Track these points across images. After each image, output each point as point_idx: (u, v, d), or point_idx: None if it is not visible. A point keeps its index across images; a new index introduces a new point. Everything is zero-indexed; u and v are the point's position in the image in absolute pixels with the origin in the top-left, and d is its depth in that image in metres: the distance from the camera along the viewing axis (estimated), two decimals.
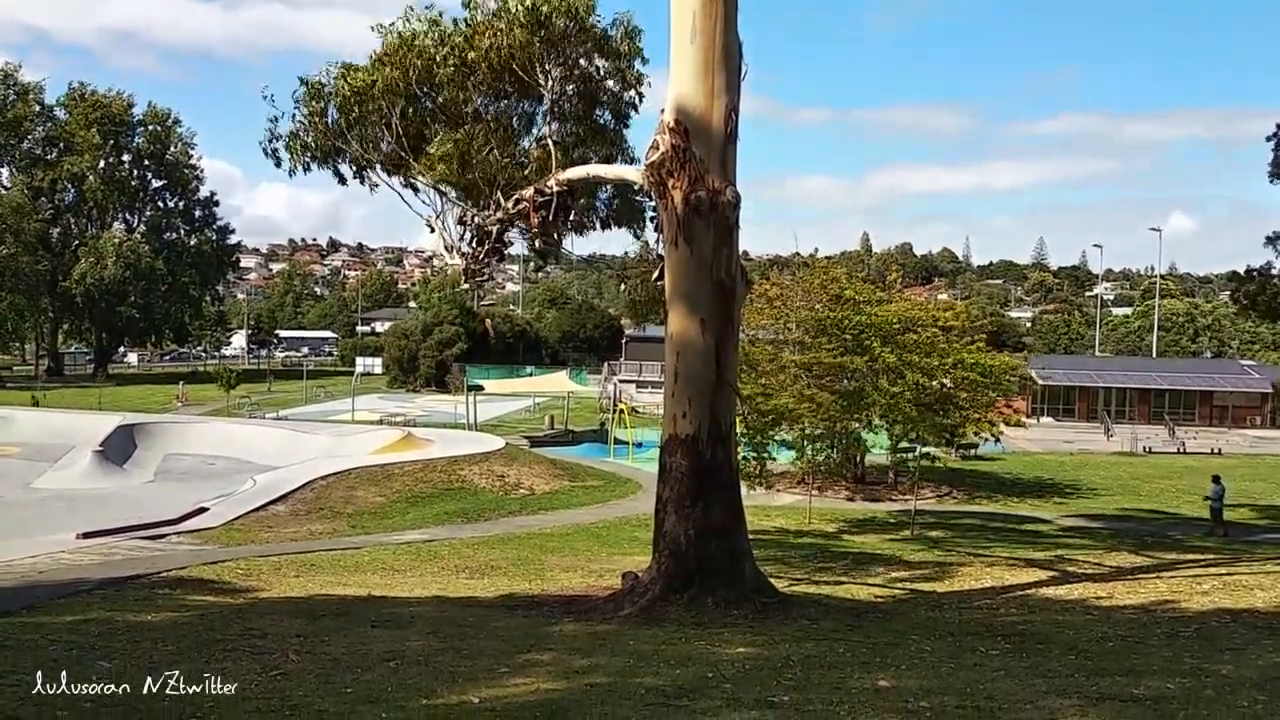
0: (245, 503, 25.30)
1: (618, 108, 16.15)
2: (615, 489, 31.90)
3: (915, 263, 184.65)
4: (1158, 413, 59.45)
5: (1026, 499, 32.56)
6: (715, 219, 10.53)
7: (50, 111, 76.59)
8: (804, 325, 32.61)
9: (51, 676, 6.23)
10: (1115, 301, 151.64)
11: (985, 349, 31.46)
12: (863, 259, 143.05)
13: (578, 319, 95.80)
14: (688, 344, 10.62)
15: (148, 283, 76.71)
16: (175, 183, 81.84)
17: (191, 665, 7.05)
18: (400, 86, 14.75)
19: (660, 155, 10.64)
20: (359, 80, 14.84)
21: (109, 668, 7.02)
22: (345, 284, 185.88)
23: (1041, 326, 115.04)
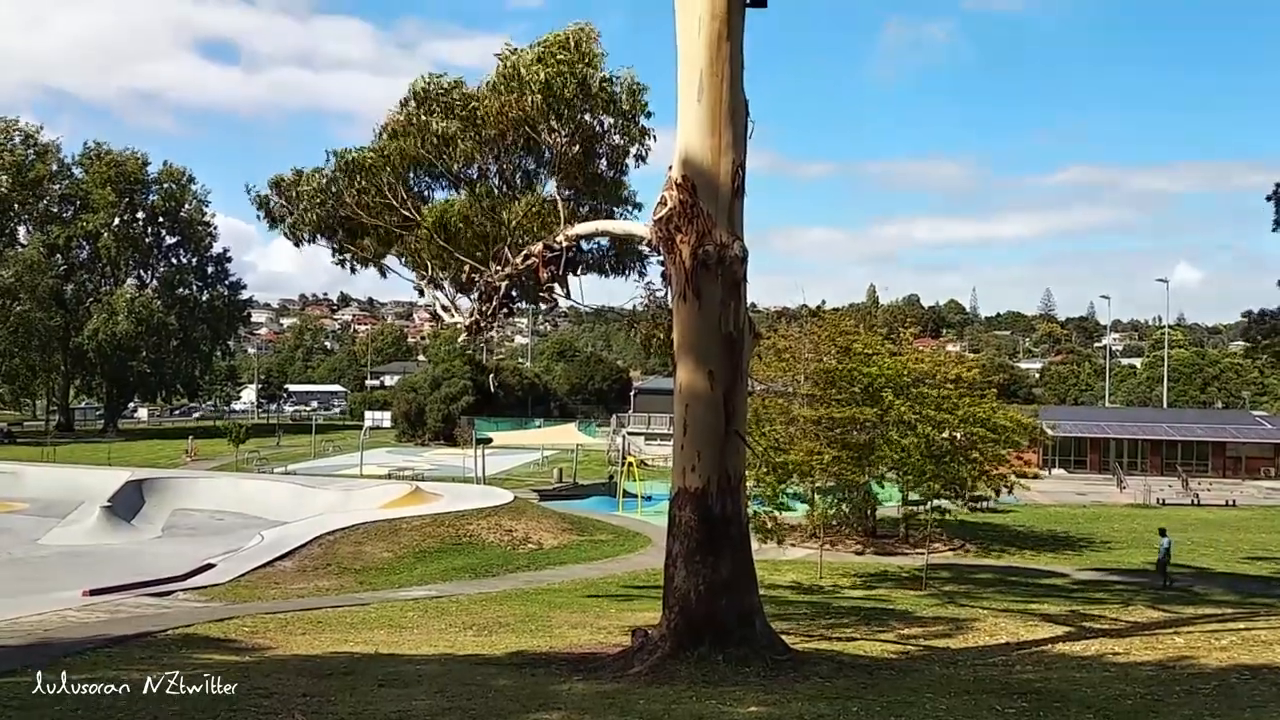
0: (252, 559, 25.18)
1: (621, 162, 16.37)
2: (624, 543, 31.66)
3: (923, 314, 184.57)
4: (1170, 464, 58.97)
5: (1041, 552, 32.19)
6: (723, 273, 10.58)
7: (68, 170, 77.84)
8: (813, 378, 32.59)
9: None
10: (1124, 352, 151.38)
11: (997, 403, 31.38)
12: (870, 311, 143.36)
13: (586, 371, 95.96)
14: (696, 396, 10.61)
15: (159, 338, 77.26)
16: (189, 239, 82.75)
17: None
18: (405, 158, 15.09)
19: (668, 211, 10.73)
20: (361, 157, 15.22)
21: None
22: (355, 338, 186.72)
23: (1051, 378, 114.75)
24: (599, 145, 16.08)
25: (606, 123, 15.81)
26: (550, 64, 14.13)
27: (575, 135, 15.42)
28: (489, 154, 15.80)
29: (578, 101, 14.80)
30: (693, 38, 10.27)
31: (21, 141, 74.50)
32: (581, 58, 14.43)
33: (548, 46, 14.36)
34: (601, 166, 16.45)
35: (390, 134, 15.36)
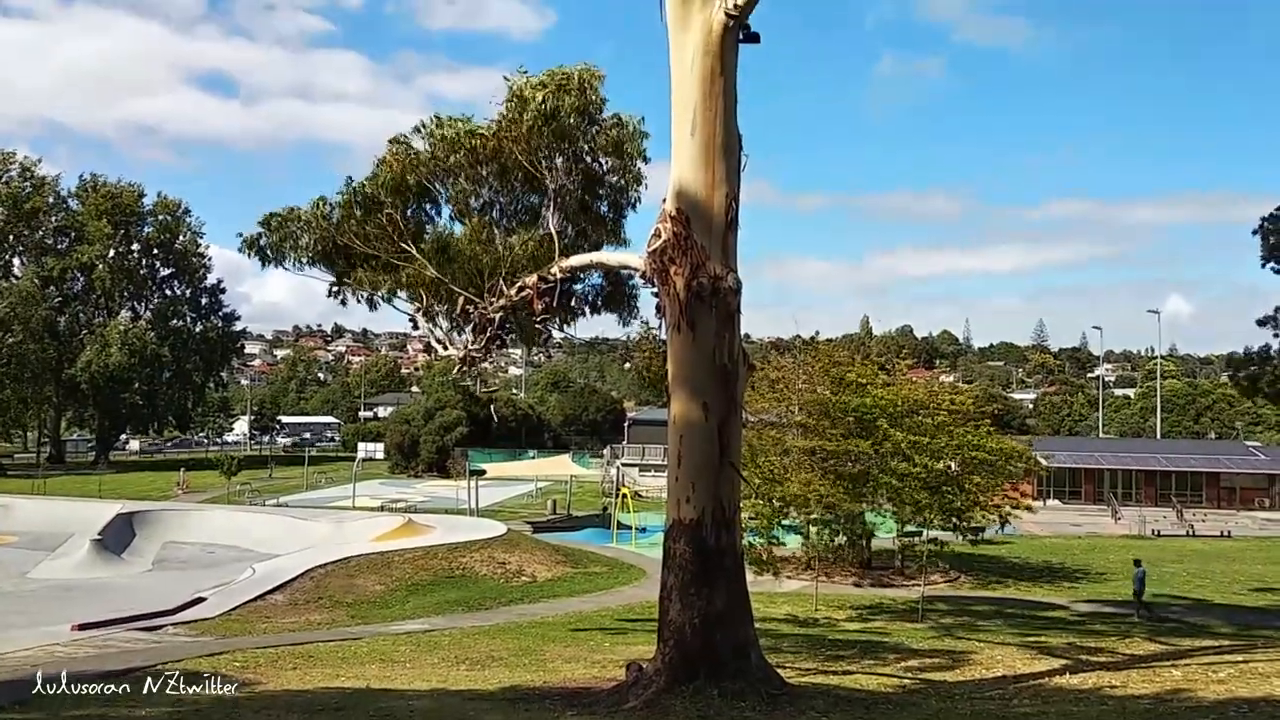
0: (243, 592, 24.97)
1: (622, 202, 16.48)
2: (618, 575, 31.47)
3: (916, 345, 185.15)
4: (1164, 494, 58.95)
5: (1037, 584, 32.06)
6: (717, 304, 10.61)
7: (64, 202, 78.01)
8: (807, 408, 32.60)
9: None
10: (1117, 383, 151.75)
11: (992, 431, 31.41)
12: (864, 341, 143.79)
13: (580, 402, 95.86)
14: (691, 428, 10.60)
15: (152, 369, 77.07)
16: (183, 270, 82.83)
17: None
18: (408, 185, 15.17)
19: (662, 243, 10.77)
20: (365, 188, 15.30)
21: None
22: (349, 369, 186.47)
23: (1044, 408, 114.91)
24: (599, 185, 16.21)
25: (607, 163, 15.96)
26: (554, 89, 14.25)
27: (574, 169, 15.54)
28: (491, 188, 15.91)
29: (579, 133, 14.91)
30: (686, 73, 10.36)
31: (19, 174, 74.76)
32: (585, 98, 14.56)
33: (554, 77, 14.49)
34: (603, 208, 16.57)
35: (390, 167, 15.44)
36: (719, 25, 10.15)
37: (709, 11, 10.15)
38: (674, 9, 10.36)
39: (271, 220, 16.27)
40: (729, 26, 10.17)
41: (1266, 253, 24.76)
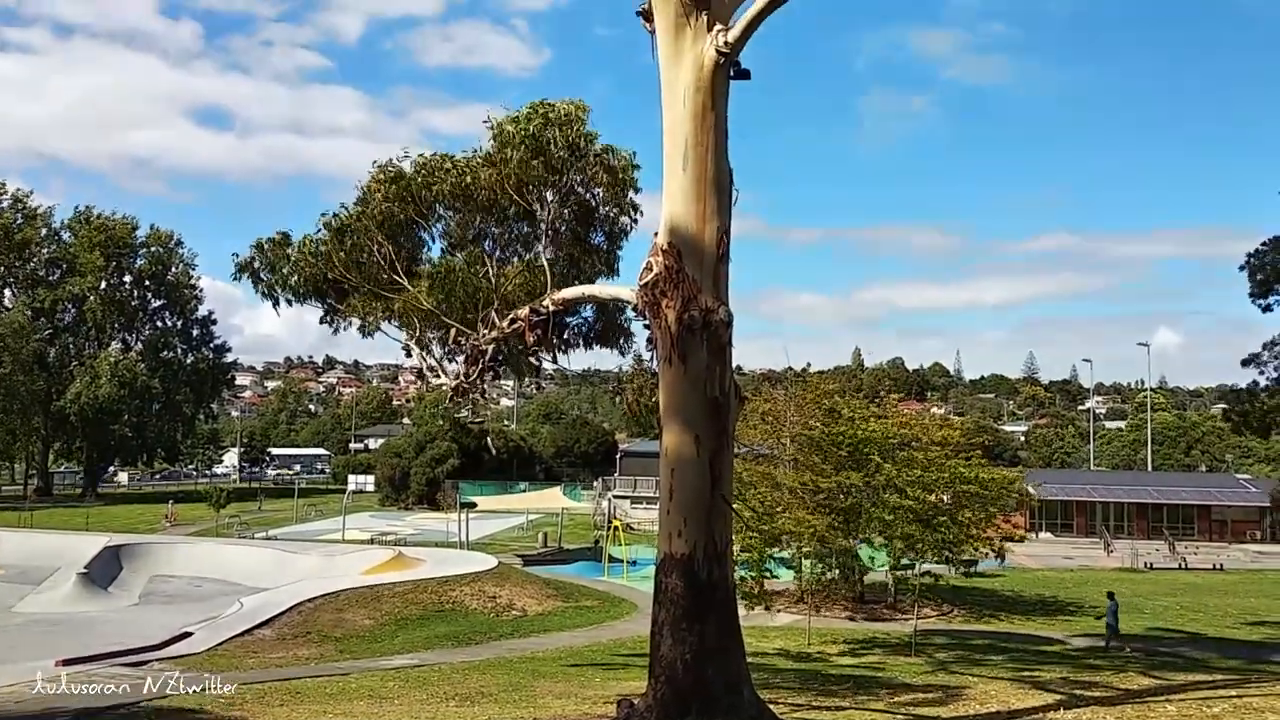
0: (231, 627, 24.72)
1: (611, 232, 16.55)
2: (610, 610, 31.24)
3: (907, 377, 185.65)
4: (1156, 527, 58.93)
5: (1031, 617, 31.93)
6: (708, 337, 10.63)
7: (56, 234, 77.95)
8: (798, 441, 32.58)
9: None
10: (1107, 415, 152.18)
11: (983, 463, 31.42)
12: (855, 374, 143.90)
13: (572, 434, 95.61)
14: (682, 461, 10.58)
15: (142, 401, 76.69)
16: (174, 302, 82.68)
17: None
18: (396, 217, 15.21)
19: (654, 276, 10.81)
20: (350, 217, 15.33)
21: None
22: (340, 401, 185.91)
23: (1035, 441, 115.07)
24: (591, 216, 16.29)
25: (599, 194, 16.04)
26: (539, 122, 14.35)
27: (566, 201, 15.62)
28: (480, 220, 15.97)
29: (568, 166, 15.00)
30: (678, 109, 10.46)
31: (10, 205, 74.77)
32: (571, 131, 14.66)
33: (537, 110, 14.60)
34: (596, 238, 16.64)
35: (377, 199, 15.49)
36: (710, 62, 10.25)
37: (700, 48, 10.26)
38: (665, 46, 10.48)
39: (264, 245, 16.29)
40: (720, 63, 10.28)
41: (1254, 288, 24.96)
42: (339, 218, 15.78)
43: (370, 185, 15.64)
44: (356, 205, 15.77)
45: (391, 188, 15.29)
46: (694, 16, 10.27)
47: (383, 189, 15.38)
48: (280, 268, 16.22)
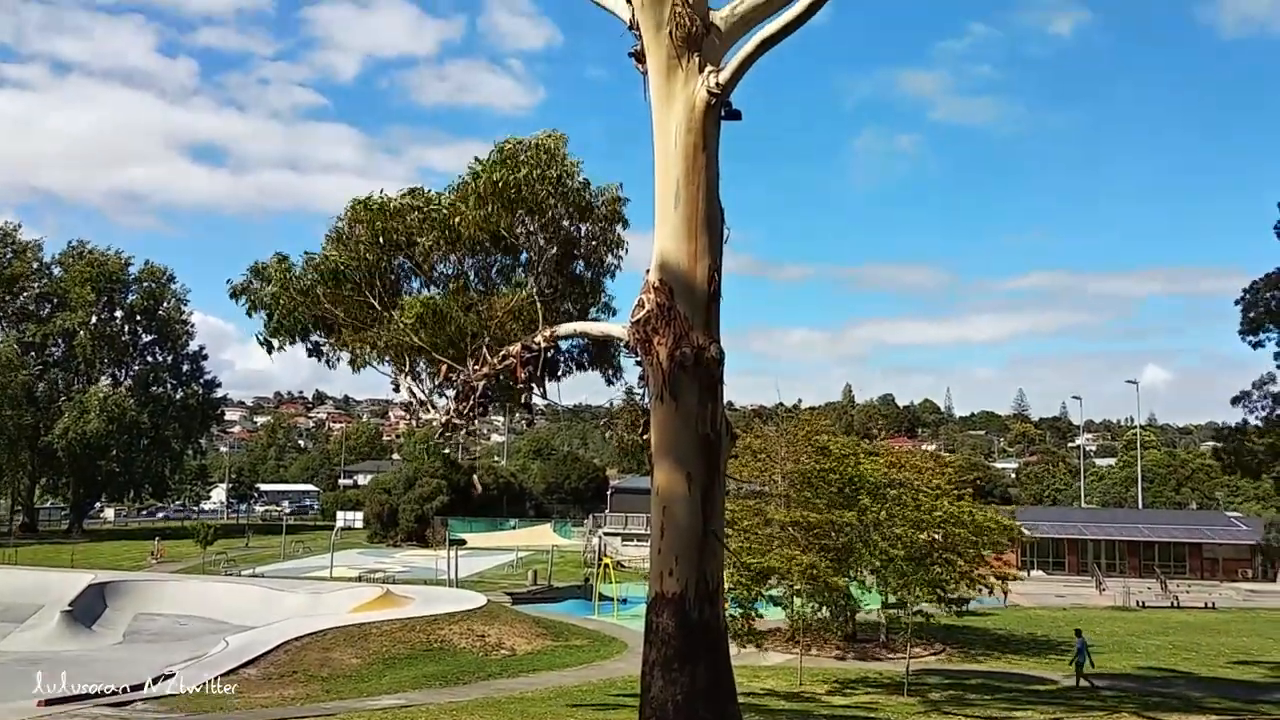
0: (216, 666, 24.39)
1: (601, 265, 16.60)
2: (600, 649, 30.96)
3: (898, 414, 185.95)
4: (1147, 565, 58.82)
5: (1024, 656, 31.75)
6: (700, 374, 10.65)
7: (47, 269, 77.81)
8: (789, 478, 32.51)
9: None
10: (1098, 452, 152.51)
11: (974, 503, 31.37)
12: (846, 410, 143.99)
13: (562, 470, 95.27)
14: (674, 499, 10.55)
15: (130, 436, 76.15)
16: (165, 337, 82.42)
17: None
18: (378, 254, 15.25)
19: (646, 313, 10.85)
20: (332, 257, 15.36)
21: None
22: (329, 436, 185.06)
23: (1026, 478, 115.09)
24: (577, 249, 16.32)
25: (584, 229, 16.09)
26: (516, 167, 14.43)
27: (553, 239, 15.68)
28: (460, 254, 16.00)
29: (550, 205, 15.07)
30: (670, 148, 10.56)
31: (0, 240, 74.70)
32: (552, 162, 14.75)
33: (513, 146, 14.68)
34: (580, 269, 16.67)
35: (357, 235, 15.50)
36: (701, 103, 10.37)
37: (691, 90, 10.39)
38: (658, 88, 10.60)
39: (262, 270, 16.21)
40: (711, 104, 10.40)
41: (1245, 325, 25.16)
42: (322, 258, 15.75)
43: (346, 224, 15.67)
44: (334, 244, 15.76)
45: (371, 225, 15.32)
46: (685, 58, 10.41)
47: (362, 227, 15.42)
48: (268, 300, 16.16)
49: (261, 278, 16.11)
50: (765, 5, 10.78)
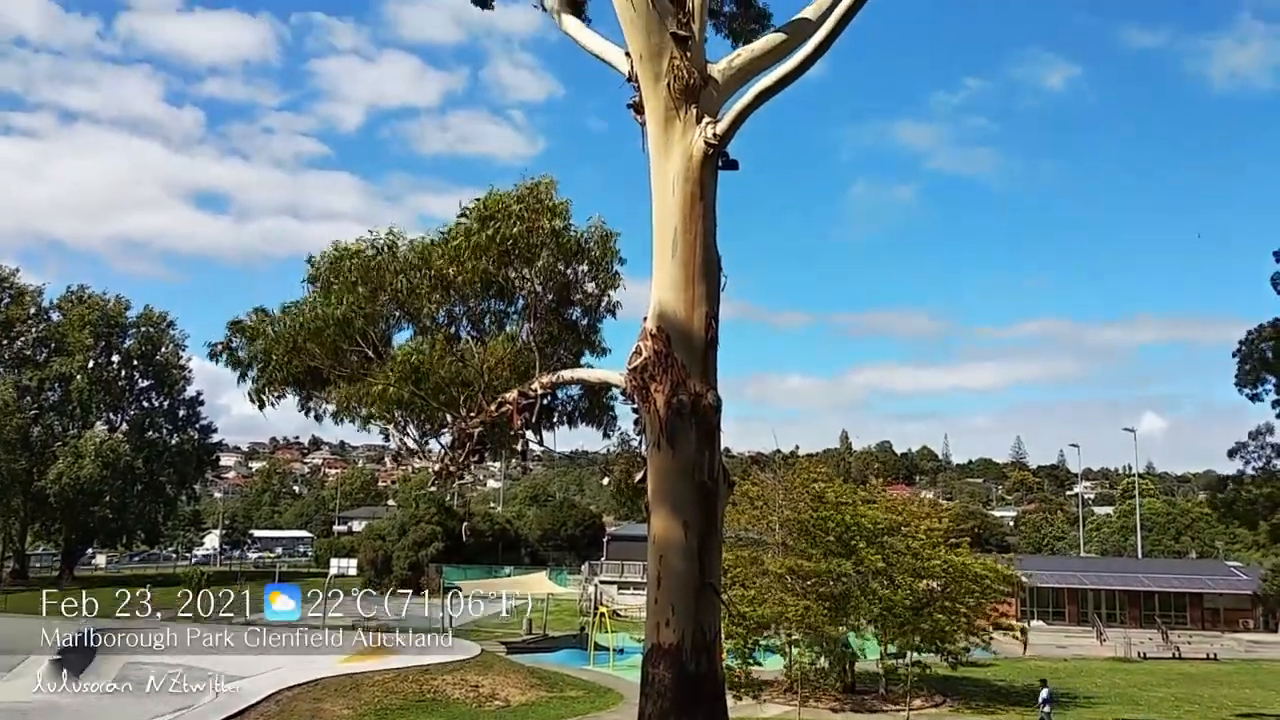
0: (205, 717, 24.00)
1: (596, 309, 16.62)
2: (595, 700, 30.53)
3: (895, 461, 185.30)
4: (1148, 615, 58.30)
5: (1025, 709, 31.31)
6: (697, 422, 10.64)
7: (46, 313, 77.87)
8: (787, 526, 32.31)
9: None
10: (1096, 500, 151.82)
11: (971, 552, 31.19)
12: (843, 457, 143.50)
13: (558, 516, 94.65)
14: (670, 548, 10.47)
15: (124, 482, 75.66)
16: (162, 382, 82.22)
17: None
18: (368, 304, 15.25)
19: (643, 360, 10.86)
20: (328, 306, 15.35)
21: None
22: (324, 482, 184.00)
23: (1025, 526, 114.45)
24: (572, 293, 16.36)
25: (579, 270, 16.13)
26: (503, 217, 14.51)
27: (548, 284, 15.72)
28: (453, 301, 16.01)
29: (543, 251, 15.13)
30: (667, 197, 10.65)
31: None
32: (543, 210, 14.84)
33: (504, 198, 14.77)
34: (575, 314, 16.69)
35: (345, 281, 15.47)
36: (699, 153, 10.49)
37: (689, 140, 10.51)
38: (656, 138, 10.72)
39: (242, 328, 16.16)
40: (708, 154, 10.51)
41: (1241, 377, 25.25)
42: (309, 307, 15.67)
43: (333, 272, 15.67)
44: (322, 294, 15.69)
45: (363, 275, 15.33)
46: (683, 110, 10.54)
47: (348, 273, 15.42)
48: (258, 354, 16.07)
49: (244, 334, 16.03)
50: (762, 58, 10.97)
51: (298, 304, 15.69)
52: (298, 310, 15.57)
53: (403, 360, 15.10)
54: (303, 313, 15.49)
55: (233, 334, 16.22)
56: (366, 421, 16.41)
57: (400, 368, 14.97)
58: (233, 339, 16.22)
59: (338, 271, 15.57)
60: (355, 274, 15.37)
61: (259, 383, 16.10)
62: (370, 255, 15.49)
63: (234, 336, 16.21)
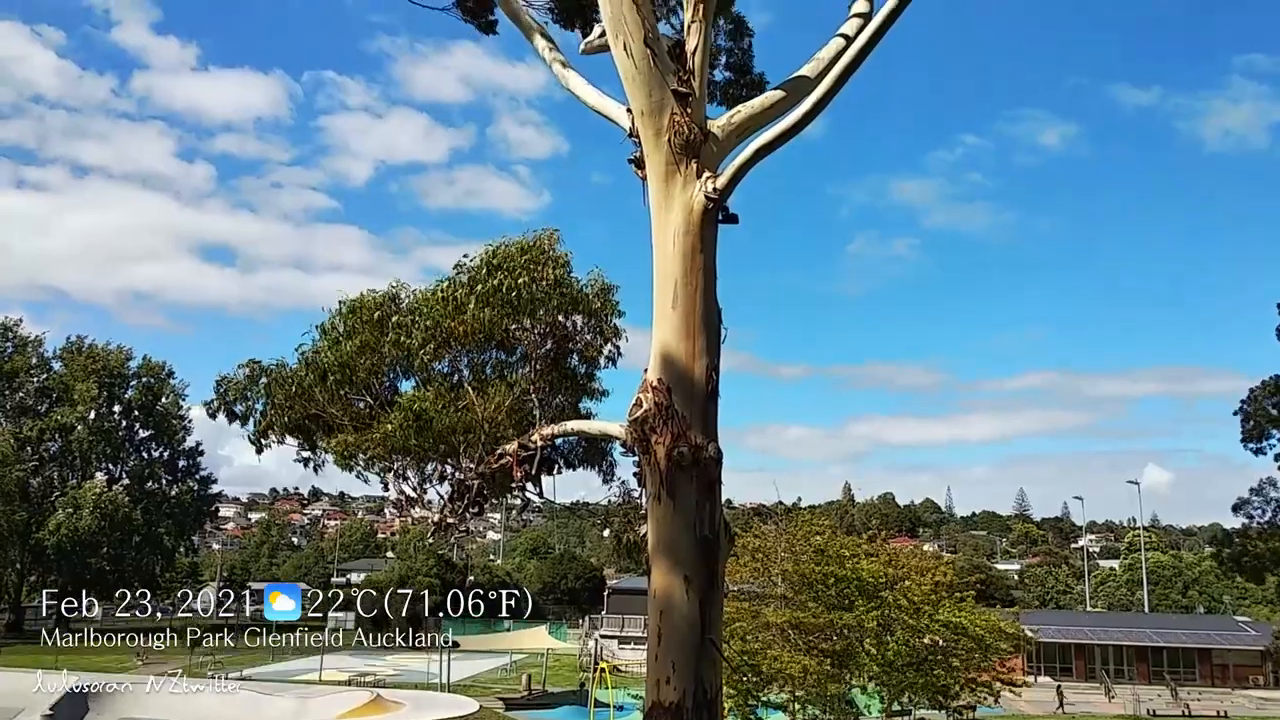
0: None
1: (594, 358, 16.67)
2: None
3: (898, 513, 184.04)
4: (1156, 671, 57.48)
5: None
6: (698, 474, 10.59)
7: (48, 364, 78.07)
8: (789, 579, 31.96)
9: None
10: (1101, 553, 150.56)
11: (977, 609, 30.79)
12: (846, 509, 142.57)
13: (559, 569, 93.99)
14: (671, 603, 10.36)
15: (122, 533, 75.28)
16: (162, 432, 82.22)
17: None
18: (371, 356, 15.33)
19: (644, 412, 10.84)
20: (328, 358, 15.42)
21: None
22: (324, 534, 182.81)
23: (1030, 579, 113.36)
24: (572, 343, 16.42)
25: (578, 321, 16.22)
26: (508, 269, 14.64)
27: (549, 334, 15.79)
28: (457, 355, 16.09)
29: (544, 302, 15.23)
30: (668, 250, 10.73)
31: (1, 335, 75.13)
32: (546, 261, 14.96)
33: (506, 252, 14.90)
34: (574, 364, 16.74)
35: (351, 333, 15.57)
36: (699, 207, 10.59)
37: (689, 194, 10.62)
38: (656, 192, 10.84)
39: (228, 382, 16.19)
40: (708, 208, 10.61)
41: (1246, 433, 25.24)
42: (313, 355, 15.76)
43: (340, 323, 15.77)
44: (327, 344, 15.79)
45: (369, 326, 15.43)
46: (683, 164, 10.67)
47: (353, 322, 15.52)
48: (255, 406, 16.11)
49: (250, 376, 16.09)
50: (760, 115, 11.14)
51: (304, 350, 15.83)
52: (303, 356, 15.71)
53: (407, 407, 15.16)
54: (307, 358, 15.62)
55: (223, 390, 16.28)
56: (370, 464, 16.39)
57: (404, 414, 15.02)
58: (240, 380, 16.28)
59: (343, 320, 15.69)
60: (360, 323, 15.49)
61: (260, 426, 16.13)
62: (375, 305, 15.61)
63: (241, 377, 16.28)
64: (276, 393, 15.73)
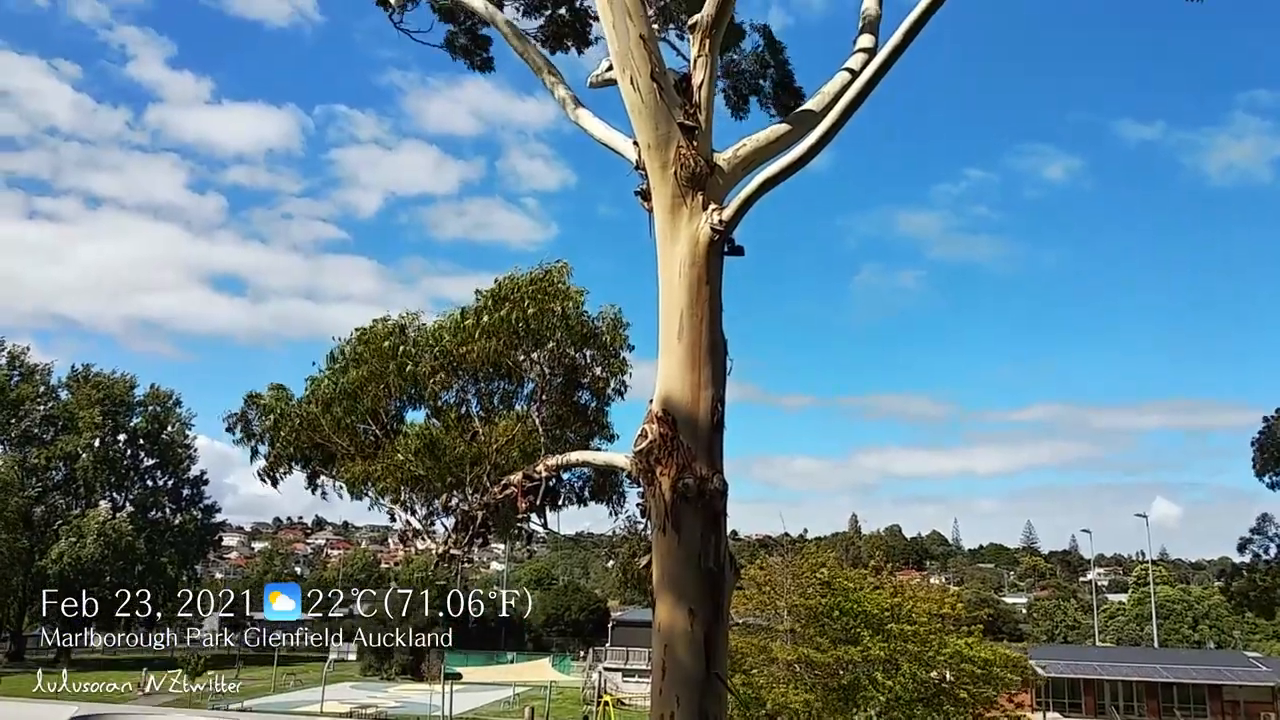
0: None
1: (603, 392, 16.68)
2: None
3: (905, 545, 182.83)
4: (1167, 707, 56.79)
5: None
6: (703, 506, 10.54)
7: (54, 392, 78.28)
8: (795, 612, 31.72)
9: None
10: (1109, 587, 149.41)
11: (981, 639, 30.50)
12: (853, 541, 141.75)
13: (562, 601, 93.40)
14: (675, 636, 10.29)
15: (125, 562, 75.12)
16: (167, 461, 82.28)
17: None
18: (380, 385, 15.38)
19: (648, 443, 10.82)
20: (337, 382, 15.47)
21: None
22: (327, 563, 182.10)
23: (1037, 613, 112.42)
24: (580, 376, 16.45)
25: (588, 355, 16.25)
26: (516, 300, 14.70)
27: (557, 367, 15.83)
28: (465, 385, 16.14)
29: (554, 335, 15.28)
30: (674, 282, 10.75)
31: (7, 362, 75.41)
32: (557, 294, 15.03)
33: (518, 282, 14.98)
34: (584, 397, 16.76)
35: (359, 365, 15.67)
36: (705, 239, 10.63)
37: (695, 227, 10.66)
38: (662, 224, 10.89)
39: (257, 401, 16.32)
40: (714, 240, 10.65)
41: (1260, 464, 25.11)
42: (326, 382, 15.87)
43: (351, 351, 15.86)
44: (337, 372, 15.89)
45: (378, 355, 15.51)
46: (689, 197, 10.72)
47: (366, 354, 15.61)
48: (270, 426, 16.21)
49: (259, 408, 16.19)
50: (766, 148, 11.21)
51: (313, 379, 15.91)
52: (312, 385, 15.78)
53: (417, 435, 15.22)
54: (317, 386, 15.69)
55: (248, 407, 16.38)
56: (380, 495, 16.42)
57: (414, 442, 15.07)
58: (248, 411, 16.37)
59: (351, 348, 15.78)
60: (369, 351, 15.57)
61: (269, 458, 16.19)
62: (385, 334, 15.70)
63: (249, 409, 16.37)
64: (283, 425, 15.78)
